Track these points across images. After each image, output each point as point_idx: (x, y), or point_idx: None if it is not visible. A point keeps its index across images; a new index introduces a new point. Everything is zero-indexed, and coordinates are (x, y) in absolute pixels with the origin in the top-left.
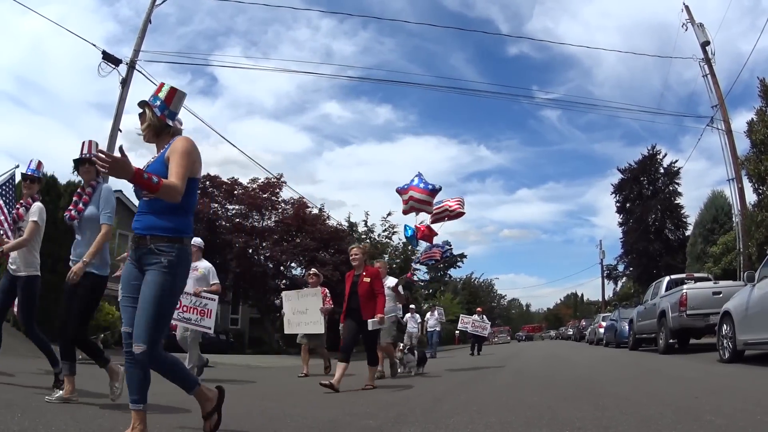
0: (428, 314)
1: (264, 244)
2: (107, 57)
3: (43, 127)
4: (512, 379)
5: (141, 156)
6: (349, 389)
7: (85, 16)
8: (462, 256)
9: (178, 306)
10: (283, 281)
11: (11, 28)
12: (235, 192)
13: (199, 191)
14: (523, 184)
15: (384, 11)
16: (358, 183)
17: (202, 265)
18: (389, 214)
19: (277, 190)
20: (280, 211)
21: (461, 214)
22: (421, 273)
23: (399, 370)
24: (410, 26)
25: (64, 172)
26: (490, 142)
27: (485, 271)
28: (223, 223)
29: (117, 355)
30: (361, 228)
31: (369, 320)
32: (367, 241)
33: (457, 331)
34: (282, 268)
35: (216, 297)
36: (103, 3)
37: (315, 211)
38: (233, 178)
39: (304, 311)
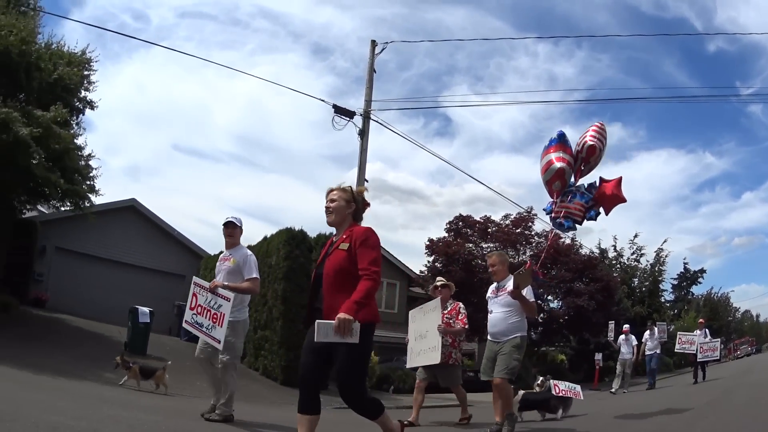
0: (646, 334)
1: None
2: (339, 110)
3: (278, 184)
4: (749, 398)
5: (385, 202)
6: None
7: (298, 72)
8: (701, 271)
9: (192, 305)
10: (541, 314)
11: (222, 92)
12: (489, 230)
13: (452, 232)
14: (746, 187)
15: (591, 26)
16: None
17: (239, 254)
18: (636, 236)
19: (530, 223)
20: (534, 244)
21: (591, 154)
22: (667, 294)
23: (518, 419)
24: (619, 38)
25: (311, 225)
26: (713, 148)
27: (722, 285)
28: (480, 262)
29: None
30: (611, 253)
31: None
32: (618, 266)
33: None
34: (539, 301)
35: (231, 297)
36: (316, 59)
37: (567, 241)
38: (486, 216)
39: (424, 335)
